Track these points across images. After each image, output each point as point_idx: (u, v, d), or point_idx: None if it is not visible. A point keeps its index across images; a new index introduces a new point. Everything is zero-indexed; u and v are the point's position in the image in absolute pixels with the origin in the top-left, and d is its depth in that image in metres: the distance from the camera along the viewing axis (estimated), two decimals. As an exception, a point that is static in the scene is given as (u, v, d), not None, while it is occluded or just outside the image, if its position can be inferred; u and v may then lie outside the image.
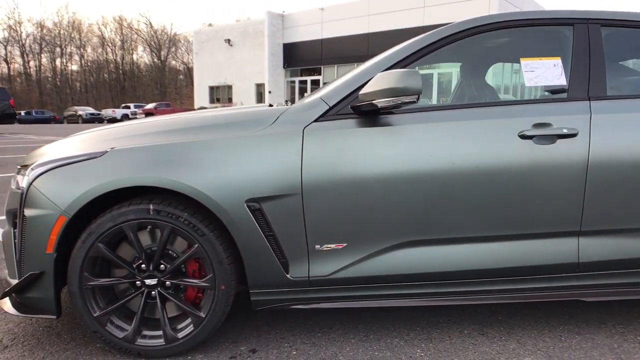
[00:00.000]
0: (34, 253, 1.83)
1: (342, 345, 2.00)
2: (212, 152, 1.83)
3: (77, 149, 1.90)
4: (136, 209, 1.80)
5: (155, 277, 1.87)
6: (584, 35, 2.05)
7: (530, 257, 1.94)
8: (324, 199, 1.83)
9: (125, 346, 1.87)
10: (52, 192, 1.81)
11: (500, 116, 1.91)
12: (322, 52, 24.63)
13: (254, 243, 1.84)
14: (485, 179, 1.87)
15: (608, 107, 1.95)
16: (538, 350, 1.94)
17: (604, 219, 1.93)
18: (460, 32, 2.02)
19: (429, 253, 1.91)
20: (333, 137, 1.86)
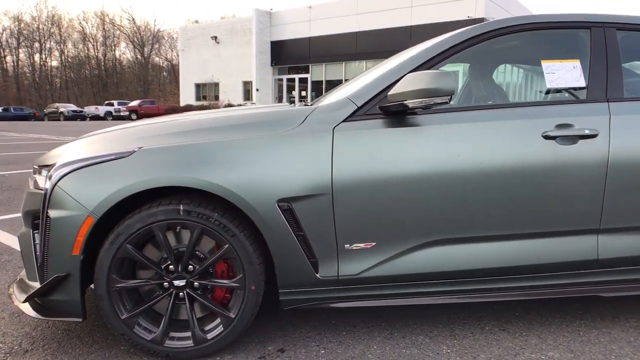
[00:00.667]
0: (59, 255, 1.81)
1: (368, 343, 2.01)
2: (242, 152, 1.83)
3: (101, 148, 1.88)
4: (166, 210, 1.79)
5: (184, 278, 1.86)
6: (601, 38, 2.10)
7: (551, 254, 1.98)
8: (354, 199, 1.85)
9: (153, 348, 1.86)
10: (78, 192, 1.78)
11: (524, 117, 1.95)
12: (310, 50, 24.62)
13: (284, 243, 1.84)
14: (510, 179, 1.90)
15: (626, 108, 2.00)
16: (559, 345, 1.98)
17: (622, 217, 1.98)
18: (488, 33, 2.04)
19: (454, 251, 1.94)
20: (363, 138, 1.87)
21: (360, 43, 22.79)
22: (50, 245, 1.82)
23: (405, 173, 1.86)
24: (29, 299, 1.86)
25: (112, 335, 2.08)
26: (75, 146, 2.00)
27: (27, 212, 1.97)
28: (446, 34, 2.11)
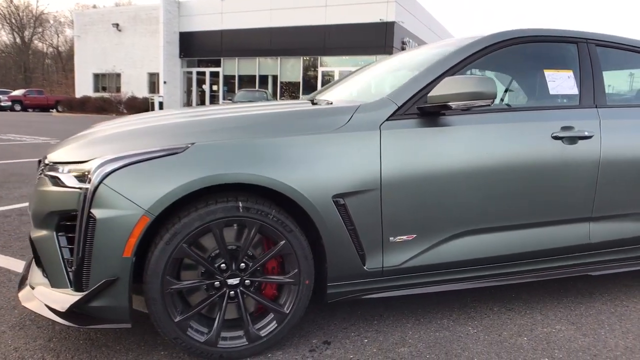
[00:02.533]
0: (106, 258, 1.68)
1: (402, 329, 2.14)
2: (299, 149, 1.84)
3: (147, 143, 1.77)
4: (224, 207, 1.74)
5: (238, 277, 1.83)
6: (585, 52, 2.43)
7: (554, 240, 2.27)
8: (399, 194, 1.96)
9: (207, 350, 1.81)
10: (130, 190, 1.67)
11: (537, 119, 2.20)
12: (222, 43, 24.02)
13: (337, 237, 1.90)
14: (528, 174, 2.14)
15: (610, 113, 2.35)
16: (561, 319, 2.28)
17: (609, 206, 2.33)
18: (504, 42, 2.25)
19: (481, 241, 2.14)
20: (405, 136, 1.98)
21: (275, 39, 22.75)
22: (95, 248, 1.68)
23: (443, 169, 2.01)
24: (75, 306, 1.70)
25: (146, 340, 1.97)
26: (108, 140, 1.85)
27: (50, 213, 1.79)
28: (466, 42, 2.27)
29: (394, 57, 3.24)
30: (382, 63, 3.22)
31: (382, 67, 3.13)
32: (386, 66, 3.11)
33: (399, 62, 2.96)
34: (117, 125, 2.10)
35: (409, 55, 2.90)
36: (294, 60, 23.19)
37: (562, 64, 2.41)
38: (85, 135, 2.08)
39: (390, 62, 3.15)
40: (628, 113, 2.41)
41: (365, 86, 2.91)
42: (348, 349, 1.96)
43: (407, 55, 2.94)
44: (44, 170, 1.93)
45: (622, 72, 2.80)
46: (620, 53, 2.54)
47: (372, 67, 3.29)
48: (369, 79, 3.07)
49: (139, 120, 2.15)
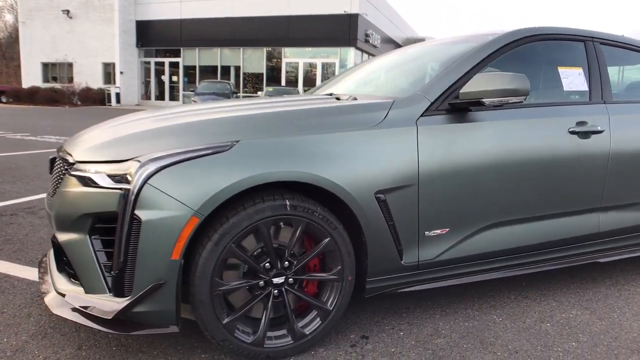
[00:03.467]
0: (153, 261, 1.62)
1: (433, 321, 2.19)
2: (340, 146, 1.83)
3: (188, 141, 1.70)
4: (272, 205, 1.72)
5: (283, 275, 1.81)
6: (592, 50, 2.54)
7: (569, 230, 2.38)
8: (435, 189, 1.99)
9: (254, 351, 1.78)
10: (178, 190, 1.61)
11: (555, 115, 2.29)
12: (182, 33, 23.36)
13: (378, 233, 1.91)
14: (550, 168, 2.23)
15: (618, 109, 2.48)
16: (575, 305, 2.40)
17: (616, 197, 2.46)
18: (520, 39, 2.32)
19: (508, 232, 2.21)
20: (439, 131, 2.01)
21: (237, 29, 22.34)
22: (141, 251, 1.61)
23: (473, 164, 2.06)
24: (122, 313, 1.62)
25: (182, 344, 1.92)
26: (146, 137, 1.77)
27: (83, 216, 1.70)
28: (489, 39, 2.32)
29: (392, 53, 3.27)
30: (380, 59, 3.24)
31: (382, 63, 3.16)
32: (387, 62, 3.13)
33: (403, 58, 2.99)
34: (143, 121, 2.01)
35: (411, 52, 2.93)
36: (257, 51, 22.88)
37: (573, 62, 2.51)
38: (106, 131, 1.98)
39: (389, 58, 3.17)
40: (632, 108, 2.54)
41: (373, 80, 2.92)
42: (387, 342, 1.99)
43: (408, 51, 2.97)
44: (68, 170, 1.82)
45: (618, 69, 2.94)
46: (619, 51, 2.67)
47: (371, 63, 3.31)
48: (372, 73, 3.09)
49: (167, 116, 2.07)
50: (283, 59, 22.55)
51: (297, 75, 22.53)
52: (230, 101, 2.56)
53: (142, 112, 2.40)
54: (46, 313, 2.14)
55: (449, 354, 1.91)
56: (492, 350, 1.95)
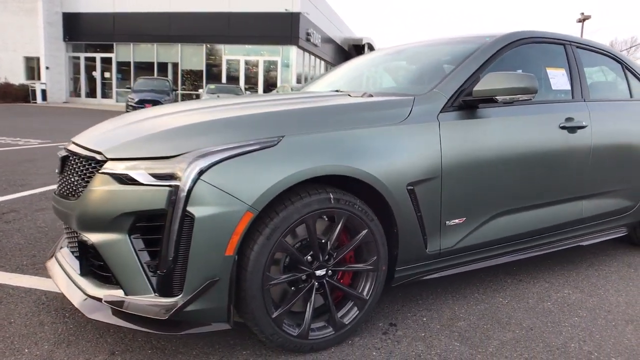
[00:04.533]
0: (207, 258, 1.60)
1: (449, 306, 2.32)
2: (375, 141, 1.90)
3: (234, 136, 1.69)
4: (319, 199, 1.75)
5: (324, 267, 1.84)
6: (571, 52, 2.80)
7: (559, 216, 2.61)
8: (454, 180, 2.11)
9: (299, 344, 1.80)
10: (232, 186, 1.60)
11: (548, 111, 2.50)
12: (115, 27, 22.22)
13: (409, 224, 2.00)
14: (546, 160, 2.43)
15: (595, 106, 2.74)
16: (566, 285, 2.63)
17: (596, 185, 2.73)
18: (517, 41, 2.51)
19: (513, 220, 2.39)
20: (457, 126, 2.14)
21: (174, 25, 21.61)
22: (193, 249, 1.58)
23: (486, 156, 2.20)
24: (178, 312, 1.58)
25: (218, 342, 1.89)
26: (191, 132, 1.73)
27: (123, 215, 1.63)
28: (488, 41, 2.48)
29: (380, 52, 3.38)
30: (370, 58, 3.35)
31: (375, 61, 3.26)
32: (380, 60, 3.24)
33: (400, 57, 3.11)
34: (174, 117, 1.96)
35: (408, 51, 3.05)
36: (196, 47, 22.29)
37: (556, 63, 2.75)
38: (132, 127, 1.91)
39: (380, 57, 3.29)
40: (607, 106, 2.83)
41: (370, 78, 3.01)
42: (415, 328, 2.08)
43: (404, 50, 3.09)
44: (96, 168, 1.74)
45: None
46: (590, 54, 2.95)
47: (358, 61, 3.40)
48: (364, 71, 3.18)
49: (199, 110, 2.04)
50: (223, 56, 22.14)
51: (239, 72, 22.23)
52: (253, 96, 2.54)
53: (161, 107, 2.32)
54: (61, 320, 2.02)
55: (474, 335, 2.04)
56: (510, 328, 2.11)
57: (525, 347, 1.95)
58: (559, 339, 2.03)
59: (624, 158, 2.85)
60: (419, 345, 1.94)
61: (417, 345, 1.94)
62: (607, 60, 3.07)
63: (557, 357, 1.89)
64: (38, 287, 2.34)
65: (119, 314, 1.69)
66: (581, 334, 2.08)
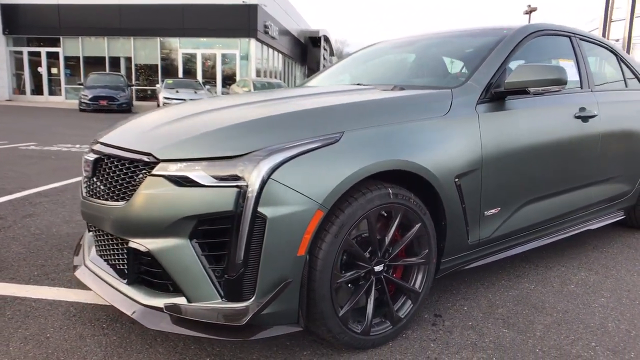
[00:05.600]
0: (278, 259, 1.55)
1: (483, 294, 2.37)
2: (424, 134, 1.91)
3: (294, 133, 1.64)
4: (379, 195, 1.74)
5: (382, 263, 1.84)
6: (577, 44, 2.92)
7: (576, 202, 2.72)
8: (492, 171, 2.16)
9: (362, 340, 1.79)
10: (301, 184, 1.56)
11: (564, 102, 2.59)
12: (61, 20, 21.03)
13: (455, 215, 2.02)
14: (566, 148, 2.53)
15: (601, 96, 2.88)
16: (579, 267, 2.76)
17: (604, 171, 2.86)
18: (532, 33, 2.58)
19: (539, 207, 2.47)
20: (493, 118, 2.18)
21: (126, 18, 20.72)
22: (266, 250, 1.53)
23: (517, 147, 2.26)
24: (255, 316, 1.53)
25: (275, 345, 1.85)
26: (252, 129, 1.67)
27: (184, 219, 1.56)
28: (506, 36, 2.53)
29: (384, 44, 3.38)
30: (376, 49, 3.35)
31: (384, 53, 3.27)
32: (395, 51, 3.25)
33: (414, 48, 3.12)
34: (221, 113, 1.89)
35: (422, 42, 3.07)
36: (149, 41, 21.49)
37: (564, 55, 2.85)
38: (184, 125, 1.82)
39: (384, 49, 3.29)
40: (610, 95, 2.97)
41: (386, 70, 3.01)
42: (460, 317, 2.12)
43: (419, 41, 3.11)
44: (145, 170, 1.65)
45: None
46: (590, 45, 3.09)
47: (364, 53, 3.40)
48: (377, 64, 3.18)
49: (246, 105, 1.99)
50: (179, 50, 21.49)
51: (195, 66, 21.66)
52: (286, 91, 2.46)
53: (198, 102, 2.22)
54: (100, 332, 1.90)
55: (518, 321, 2.10)
56: (547, 312, 2.18)
57: (568, 329, 2.03)
58: (595, 320, 2.12)
59: (625, 145, 3.01)
60: (471, 334, 1.97)
61: (469, 334, 1.97)
62: (604, 51, 3.21)
63: (600, 336, 1.98)
64: (61, 298, 2.19)
65: (182, 322, 1.61)
66: (613, 314, 2.19)
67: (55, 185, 4.67)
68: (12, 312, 2.05)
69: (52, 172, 5.36)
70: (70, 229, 3.26)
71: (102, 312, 2.08)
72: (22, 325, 1.94)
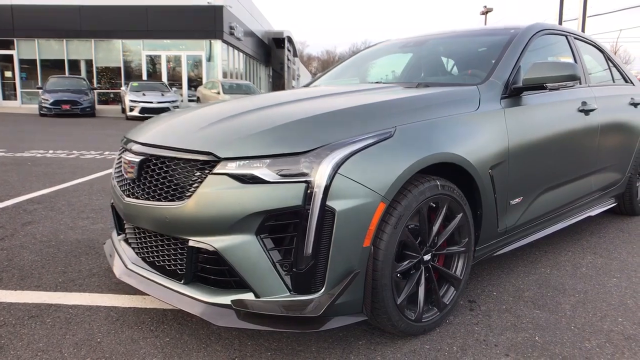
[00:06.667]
0: (346, 251, 1.60)
1: (507, 279, 2.49)
2: (462, 128, 2.01)
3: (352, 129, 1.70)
4: (429, 186, 1.81)
5: (429, 252, 1.91)
6: (573, 42, 3.10)
7: (579, 191, 2.90)
8: (516, 163, 2.28)
9: (415, 327, 1.86)
10: (364, 177, 1.62)
11: (569, 97, 2.76)
12: (15, 21, 20.08)
13: (488, 205, 2.13)
14: (575, 140, 2.69)
15: (597, 91, 3.07)
16: (584, 252, 2.94)
17: (601, 161, 3.06)
18: (538, 32, 2.73)
19: (551, 196, 2.62)
20: (515, 112, 2.31)
21: (86, 19, 20.02)
22: (335, 243, 1.58)
23: (536, 139, 2.40)
24: (330, 306, 1.57)
25: (330, 335, 1.89)
26: (313, 125, 1.72)
27: (251, 216, 1.58)
28: (515, 36, 2.67)
29: (391, 44, 3.48)
30: (382, 49, 3.44)
31: (392, 52, 3.36)
32: (407, 50, 3.34)
33: (419, 48, 3.23)
34: (274, 109, 1.93)
35: (430, 42, 3.18)
36: (111, 43, 20.86)
37: (564, 52, 3.03)
38: (239, 122, 1.84)
39: (391, 47, 3.39)
40: (603, 90, 3.18)
41: (402, 69, 3.10)
42: (493, 302, 2.23)
43: (426, 41, 3.21)
44: (204, 168, 1.67)
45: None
46: (582, 44, 3.29)
47: (372, 52, 3.48)
48: (386, 63, 3.27)
49: (297, 102, 2.03)
50: (143, 52, 20.96)
51: (160, 68, 21.20)
52: (327, 87, 2.50)
53: (243, 99, 2.22)
54: (150, 334, 1.89)
55: (546, 302, 2.23)
56: (570, 293, 2.33)
57: (594, 307, 2.17)
58: (614, 298, 2.28)
59: (616, 136, 3.22)
60: (509, 316, 2.09)
61: (506, 317, 2.08)
62: (593, 49, 3.43)
63: (624, 312, 2.13)
64: (97, 303, 2.16)
65: (249, 317, 1.64)
66: (628, 292, 2.35)
67: (44, 192, 4.51)
68: (52, 320, 2.00)
69: (35, 178, 5.17)
70: (78, 235, 3.17)
71: (144, 315, 2.06)
72: (68, 332, 1.90)
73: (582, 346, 1.85)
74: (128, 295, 2.24)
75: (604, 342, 1.88)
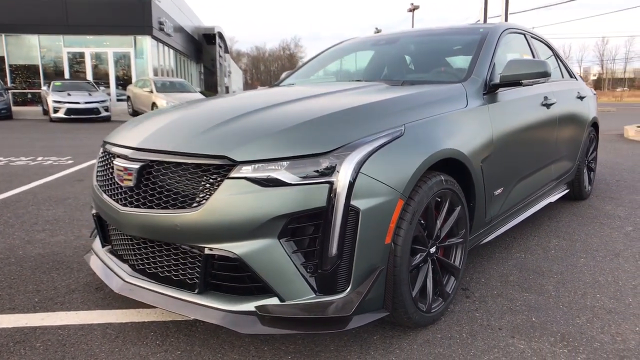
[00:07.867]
0: (370, 249, 1.62)
1: (490, 266, 2.63)
2: (457, 125, 2.09)
3: (366, 128, 1.72)
4: (436, 182, 1.87)
5: (434, 245, 1.98)
6: (530, 41, 3.32)
7: (544, 179, 3.12)
8: (500, 155, 2.41)
9: (426, 318, 1.92)
10: (384, 176, 1.65)
11: (532, 92, 2.95)
12: None
13: (480, 196, 2.24)
14: (540, 132, 2.89)
15: (553, 86, 3.31)
16: (548, 235, 3.17)
17: (559, 151, 3.31)
18: (505, 31, 2.90)
19: (522, 186, 2.79)
20: (495, 108, 2.44)
21: (73, 13, 18.31)
22: (359, 241, 1.59)
23: (511, 132, 2.55)
24: (360, 305, 1.57)
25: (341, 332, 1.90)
26: (329, 124, 1.71)
27: (273, 220, 1.55)
28: (488, 35, 2.81)
29: (361, 42, 3.52)
30: (350, 46, 3.48)
31: (364, 49, 3.40)
32: (374, 49, 3.39)
33: (392, 47, 3.30)
34: (283, 108, 1.89)
35: (404, 40, 3.26)
36: (26, 39, 19.26)
37: (524, 50, 3.24)
38: (249, 123, 1.79)
39: (363, 44, 3.44)
40: (558, 85, 3.43)
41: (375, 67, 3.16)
42: (485, 288, 2.34)
43: (399, 39, 3.29)
44: (219, 172, 1.61)
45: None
46: (536, 42, 3.53)
47: (339, 50, 3.51)
48: (359, 60, 3.31)
49: (302, 101, 2.01)
50: (63, 49, 19.56)
51: (84, 66, 19.90)
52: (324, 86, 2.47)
53: (247, 96, 2.14)
54: (157, 348, 1.79)
55: (530, 285, 2.38)
56: (549, 275, 2.51)
57: (573, 287, 2.36)
58: (587, 276, 2.49)
59: (569, 128, 3.50)
60: (503, 300, 2.21)
61: (501, 301, 2.20)
62: (544, 47, 3.68)
63: (599, 289, 2.33)
64: (88, 322, 2.01)
65: (272, 322, 1.60)
66: (597, 270, 2.58)
67: (-18, 204, 4.10)
68: (42, 344, 1.84)
69: (-34, 190, 4.68)
70: (39, 249, 2.93)
71: (145, 329, 1.95)
72: (65, 355, 1.75)
73: (575, 322, 2.00)
74: (120, 310, 2.10)
75: (592, 317, 2.04)
